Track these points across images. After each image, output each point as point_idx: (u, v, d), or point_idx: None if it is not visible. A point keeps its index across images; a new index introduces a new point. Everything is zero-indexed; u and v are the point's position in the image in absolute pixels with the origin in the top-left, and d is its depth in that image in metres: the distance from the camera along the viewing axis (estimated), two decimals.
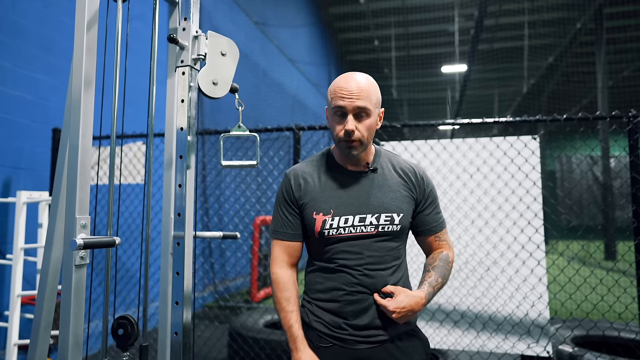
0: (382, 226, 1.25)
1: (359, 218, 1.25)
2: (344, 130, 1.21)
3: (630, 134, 2.22)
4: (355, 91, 1.20)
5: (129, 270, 4.08)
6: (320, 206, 1.26)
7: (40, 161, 3.35)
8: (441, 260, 1.32)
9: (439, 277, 1.28)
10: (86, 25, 1.06)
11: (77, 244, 0.91)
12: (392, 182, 1.30)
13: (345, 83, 1.22)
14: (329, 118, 1.29)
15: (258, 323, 3.10)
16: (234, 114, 1.28)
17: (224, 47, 1.31)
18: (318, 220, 1.25)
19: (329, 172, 1.31)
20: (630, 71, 12.43)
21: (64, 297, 1.01)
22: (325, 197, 1.27)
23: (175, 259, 1.25)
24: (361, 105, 1.20)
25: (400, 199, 1.29)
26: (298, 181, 1.31)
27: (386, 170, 1.32)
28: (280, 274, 1.29)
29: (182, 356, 1.20)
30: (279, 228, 1.32)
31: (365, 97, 1.21)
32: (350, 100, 1.20)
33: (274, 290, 1.30)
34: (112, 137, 1.11)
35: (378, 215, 1.25)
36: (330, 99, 1.26)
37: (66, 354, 0.98)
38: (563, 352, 2.53)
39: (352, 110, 1.20)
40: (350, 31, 13.28)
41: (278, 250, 1.31)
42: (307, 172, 1.32)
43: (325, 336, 1.25)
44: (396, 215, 1.26)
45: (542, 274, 2.46)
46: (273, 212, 1.36)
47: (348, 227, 1.25)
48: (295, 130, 2.70)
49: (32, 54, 3.27)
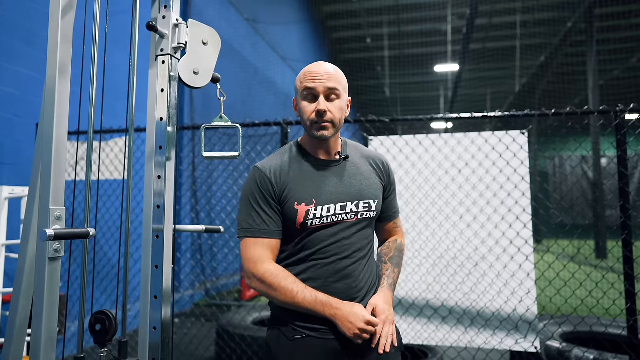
0: (361, 213, 1.28)
1: (340, 206, 1.26)
2: (316, 111, 1.22)
3: (618, 129, 2.23)
4: (324, 74, 1.23)
5: (114, 267, 4.03)
6: (301, 196, 1.24)
7: (24, 156, 3.29)
8: (397, 250, 1.39)
9: (396, 268, 1.35)
10: (61, 11, 1.03)
11: (47, 234, 0.88)
12: (364, 170, 1.34)
13: (315, 68, 1.26)
14: (298, 105, 1.30)
15: (246, 320, 3.08)
16: (225, 109, 1.25)
17: (206, 36, 1.28)
18: (300, 210, 1.23)
19: (301, 163, 1.29)
20: (620, 71, 12.56)
21: (37, 291, 0.98)
22: (304, 187, 1.25)
23: (154, 252, 1.22)
24: (331, 86, 1.23)
25: (374, 186, 1.33)
26: (275, 174, 1.26)
27: (356, 159, 1.35)
28: (271, 268, 1.22)
29: (160, 352, 1.17)
30: (258, 226, 1.24)
31: (335, 80, 1.24)
32: (320, 82, 1.22)
33: (274, 285, 1.19)
34: (90, 128, 1.08)
35: (357, 202, 1.28)
36: (299, 84, 1.28)
37: (39, 351, 0.95)
38: (551, 347, 2.53)
39: (323, 92, 1.23)
40: (343, 29, 13.26)
41: (260, 250, 1.23)
42: (279, 164, 1.29)
43: (300, 328, 1.23)
44: (372, 202, 1.30)
45: (530, 270, 2.46)
46: (242, 209, 1.28)
47: (330, 215, 1.25)
48: (283, 125, 2.67)
49: (16, 47, 3.21)
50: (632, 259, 2.21)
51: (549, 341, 2.64)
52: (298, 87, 1.28)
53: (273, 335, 1.27)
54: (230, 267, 6.40)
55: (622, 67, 12.45)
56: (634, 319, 2.16)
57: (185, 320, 4.67)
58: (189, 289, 5.53)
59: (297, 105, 1.31)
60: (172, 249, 1.25)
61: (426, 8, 11.09)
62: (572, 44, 11.59)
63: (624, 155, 2.24)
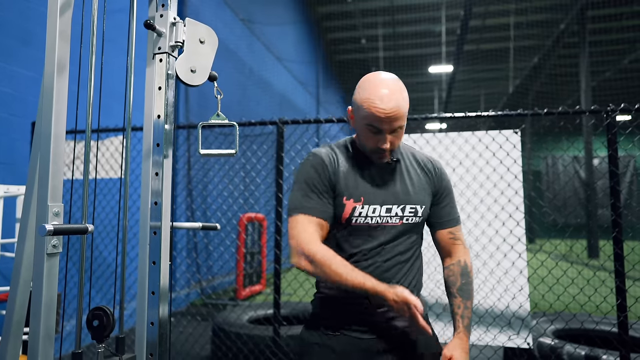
0: (406, 217, 1.25)
1: (385, 208, 1.24)
2: (378, 147, 1.19)
3: (609, 129, 2.26)
4: (392, 112, 1.15)
5: (109, 265, 4.02)
6: (351, 192, 1.23)
7: (19, 155, 3.28)
8: (463, 275, 1.29)
9: (468, 301, 1.26)
10: (59, 9, 1.03)
11: (46, 229, 0.89)
12: (414, 174, 1.30)
13: (380, 97, 1.15)
14: (357, 126, 1.24)
15: (241, 319, 3.08)
16: (221, 109, 1.27)
17: (203, 35, 1.29)
18: (348, 206, 1.22)
19: (354, 160, 1.28)
20: (612, 72, 12.69)
21: (35, 288, 0.98)
22: (355, 184, 1.25)
23: (151, 249, 1.23)
24: (399, 125, 1.18)
25: (422, 191, 1.28)
26: (331, 163, 1.26)
27: (407, 162, 1.32)
28: (321, 249, 1.17)
29: (158, 347, 1.19)
30: (313, 205, 1.21)
31: (402, 116, 1.17)
32: (388, 123, 1.16)
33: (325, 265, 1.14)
34: (87, 126, 1.08)
35: (403, 206, 1.25)
36: (361, 108, 1.18)
37: (37, 347, 0.95)
38: (543, 344, 2.56)
39: (389, 131, 1.18)
40: (338, 30, 13.29)
41: (312, 228, 1.19)
42: (335, 155, 1.28)
43: (337, 327, 1.24)
44: (419, 207, 1.26)
45: (523, 267, 2.49)
46: (296, 190, 1.26)
47: (375, 216, 1.23)
48: (279, 124, 2.69)
49: (12, 46, 3.20)
50: (622, 256, 2.25)
51: (541, 337, 2.67)
52: (358, 107, 1.20)
53: (308, 333, 1.28)
54: (225, 265, 6.40)
55: (614, 69, 12.58)
56: (624, 315, 2.19)
57: (181, 318, 4.66)
58: (184, 287, 5.52)
59: (356, 124, 1.25)
60: (170, 245, 1.26)
61: (420, 9, 11.15)
62: (565, 45, 11.69)
63: (615, 155, 2.28)
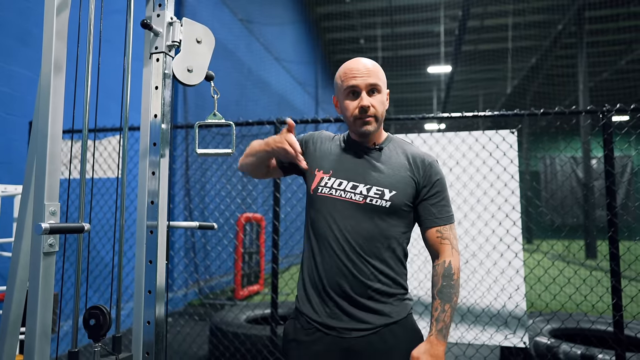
0: (370, 198, 1.25)
1: (351, 185, 1.28)
2: (359, 107, 1.26)
3: (605, 128, 2.28)
4: (365, 70, 1.27)
5: (107, 265, 4.02)
6: (323, 165, 1.33)
7: (17, 155, 3.27)
8: (445, 277, 1.24)
9: (446, 304, 1.22)
10: (56, 8, 1.04)
11: (42, 228, 0.89)
12: (395, 164, 1.30)
13: (355, 64, 1.29)
14: (339, 102, 1.34)
15: (239, 318, 3.09)
16: (219, 110, 1.28)
17: (200, 34, 1.30)
18: (317, 176, 1.32)
19: (343, 144, 1.38)
20: (609, 73, 12.73)
21: (31, 287, 0.98)
22: (330, 160, 1.34)
23: (148, 248, 1.23)
24: (373, 82, 1.26)
25: (398, 179, 1.27)
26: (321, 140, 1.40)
27: (392, 153, 1.33)
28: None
29: (154, 346, 1.19)
30: None
31: (375, 75, 1.28)
32: (362, 79, 1.26)
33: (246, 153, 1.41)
34: (85, 125, 1.09)
35: (370, 187, 1.27)
36: (340, 82, 1.31)
37: (33, 346, 0.95)
38: (540, 343, 2.57)
39: (365, 88, 1.26)
40: (336, 30, 13.30)
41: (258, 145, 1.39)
42: (327, 137, 1.42)
43: (312, 321, 1.26)
44: (387, 190, 1.25)
45: (520, 267, 2.50)
46: None
47: (339, 189, 1.28)
48: (276, 123, 2.69)
49: (10, 46, 3.19)
50: (618, 255, 2.26)
51: (537, 337, 2.68)
52: (339, 85, 1.31)
53: (290, 325, 1.35)
54: (223, 265, 6.39)
55: (611, 69, 12.62)
56: (619, 314, 2.20)
57: (179, 318, 4.66)
58: (182, 287, 5.52)
59: (339, 103, 1.34)
60: (167, 245, 1.27)
61: (419, 10, 11.16)
62: (563, 46, 11.73)
63: (611, 154, 2.29)
